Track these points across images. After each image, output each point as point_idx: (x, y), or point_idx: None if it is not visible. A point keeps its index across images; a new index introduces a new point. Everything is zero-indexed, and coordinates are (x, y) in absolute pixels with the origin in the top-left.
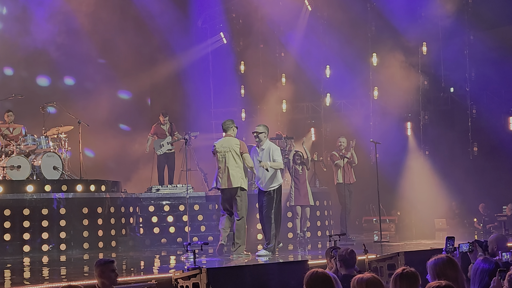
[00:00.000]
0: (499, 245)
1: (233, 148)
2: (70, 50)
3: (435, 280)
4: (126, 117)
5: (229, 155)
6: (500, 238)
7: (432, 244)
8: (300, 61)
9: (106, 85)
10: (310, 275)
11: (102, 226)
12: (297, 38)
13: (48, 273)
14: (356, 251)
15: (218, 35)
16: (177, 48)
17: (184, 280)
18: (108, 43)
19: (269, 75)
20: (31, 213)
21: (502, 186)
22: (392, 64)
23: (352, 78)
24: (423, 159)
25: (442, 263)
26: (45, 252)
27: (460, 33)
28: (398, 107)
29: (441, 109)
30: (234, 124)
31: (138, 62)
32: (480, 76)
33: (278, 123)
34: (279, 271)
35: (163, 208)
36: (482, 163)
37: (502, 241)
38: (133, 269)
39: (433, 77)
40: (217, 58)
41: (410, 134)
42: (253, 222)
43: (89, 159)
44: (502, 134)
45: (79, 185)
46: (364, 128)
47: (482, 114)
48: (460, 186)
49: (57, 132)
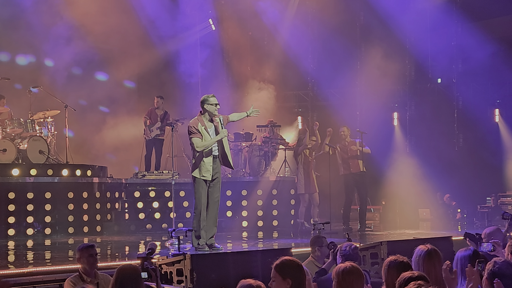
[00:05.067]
0: (495, 238)
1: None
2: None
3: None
4: (110, 102)
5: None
6: (495, 231)
7: (415, 234)
8: (288, 50)
9: (91, 69)
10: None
11: (87, 211)
12: (285, 27)
13: (33, 257)
14: (340, 240)
15: (206, 22)
16: (165, 34)
17: (168, 266)
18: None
19: (257, 63)
20: (16, 197)
21: (486, 177)
22: (379, 54)
23: (339, 68)
24: (409, 149)
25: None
26: (30, 236)
27: (448, 24)
28: (385, 97)
29: (428, 100)
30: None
31: (125, 48)
32: (467, 67)
33: (265, 111)
34: (262, 258)
35: (149, 194)
36: (468, 154)
37: (497, 234)
38: (117, 254)
39: (420, 68)
40: (205, 45)
41: (397, 124)
42: (239, 209)
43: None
44: (488, 125)
45: (65, 170)
46: (350, 117)
47: (468, 105)
48: (445, 176)
49: (43, 116)
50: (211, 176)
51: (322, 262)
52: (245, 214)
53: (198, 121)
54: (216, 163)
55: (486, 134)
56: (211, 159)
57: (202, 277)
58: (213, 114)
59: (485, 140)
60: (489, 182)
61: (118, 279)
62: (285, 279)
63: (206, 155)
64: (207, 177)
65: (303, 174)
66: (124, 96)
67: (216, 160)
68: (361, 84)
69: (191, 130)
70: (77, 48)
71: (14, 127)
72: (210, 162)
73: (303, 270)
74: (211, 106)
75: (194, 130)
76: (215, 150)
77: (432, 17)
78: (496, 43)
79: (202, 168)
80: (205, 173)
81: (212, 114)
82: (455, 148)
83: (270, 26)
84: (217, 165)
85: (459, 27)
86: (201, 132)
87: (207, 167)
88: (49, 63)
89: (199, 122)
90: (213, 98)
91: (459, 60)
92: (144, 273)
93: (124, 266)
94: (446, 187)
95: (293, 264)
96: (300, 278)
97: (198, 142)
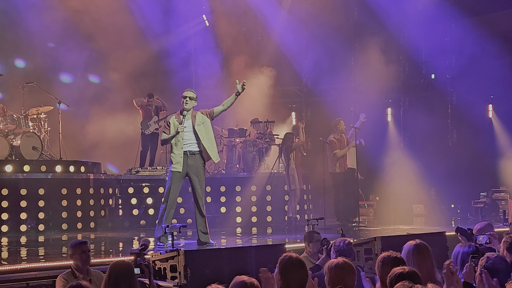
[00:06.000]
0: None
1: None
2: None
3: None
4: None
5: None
6: (487, 227)
7: (409, 230)
8: (282, 45)
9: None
10: (284, 259)
11: (81, 207)
12: (279, 22)
13: (26, 253)
14: (333, 236)
15: (200, 18)
16: (159, 30)
17: (162, 262)
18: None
19: (251, 59)
20: (9, 193)
21: (480, 173)
22: (373, 50)
23: (334, 64)
24: (403, 145)
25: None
26: (23, 233)
27: (442, 20)
28: (378, 93)
29: (422, 96)
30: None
31: (118, 43)
32: (461, 63)
33: (259, 107)
34: (256, 254)
35: (143, 190)
36: (461, 150)
37: (489, 230)
38: (111, 251)
39: (414, 63)
40: (199, 41)
41: (390, 120)
42: (232, 205)
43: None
44: (482, 121)
45: (58, 166)
46: (345, 113)
47: (462, 101)
48: (439, 172)
49: (36, 112)
50: (181, 168)
51: (316, 257)
52: (239, 210)
53: (174, 115)
54: (191, 159)
55: (479, 129)
56: (181, 151)
57: (196, 273)
58: (184, 107)
59: (479, 136)
60: (483, 178)
61: (112, 276)
62: (279, 274)
63: (176, 148)
64: (178, 168)
65: (295, 170)
66: (115, 92)
67: (191, 157)
68: (355, 80)
69: (164, 124)
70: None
71: (7, 123)
72: (180, 154)
73: (300, 269)
74: (182, 99)
75: (165, 124)
76: (189, 146)
77: (426, 13)
78: (490, 39)
79: (173, 160)
80: (175, 165)
81: (183, 107)
82: (449, 143)
83: (264, 22)
84: (194, 161)
85: (453, 23)
86: (172, 125)
87: (177, 159)
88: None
89: (173, 116)
90: (185, 92)
91: (452, 56)
92: (137, 269)
93: (117, 262)
94: (440, 183)
95: (292, 261)
96: (293, 277)
97: (162, 135)
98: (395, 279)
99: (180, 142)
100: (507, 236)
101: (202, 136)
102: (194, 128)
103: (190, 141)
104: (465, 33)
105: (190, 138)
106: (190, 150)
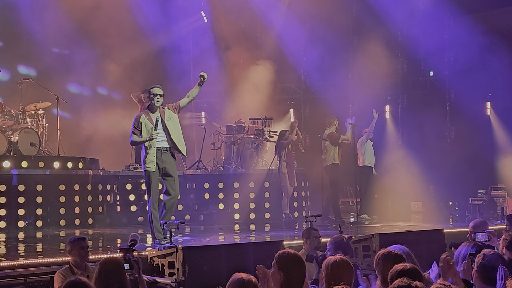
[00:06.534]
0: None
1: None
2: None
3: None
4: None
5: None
6: (481, 224)
7: (407, 227)
8: (281, 42)
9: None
10: (283, 256)
11: (79, 203)
12: (278, 19)
13: (24, 249)
14: (332, 233)
15: (198, 14)
16: (157, 26)
17: (160, 258)
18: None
19: (250, 55)
20: (7, 189)
21: (478, 170)
22: (372, 47)
23: (332, 60)
24: (401, 142)
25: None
26: (21, 229)
27: (440, 17)
28: (377, 90)
29: (420, 93)
30: (148, 95)
31: (116, 39)
32: (459, 60)
33: (257, 104)
34: (254, 251)
35: (141, 186)
36: (459, 147)
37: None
38: (109, 247)
39: (412, 60)
40: (197, 37)
41: (389, 117)
42: (231, 202)
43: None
44: (480, 118)
45: (56, 162)
46: (343, 110)
47: (460, 98)
48: (437, 169)
49: (34, 108)
50: (155, 167)
51: (314, 254)
52: (237, 207)
53: (143, 114)
54: (165, 156)
55: (478, 127)
56: (154, 150)
57: (194, 270)
58: (154, 105)
59: (477, 133)
60: (481, 175)
61: (102, 272)
62: (279, 271)
63: (148, 146)
64: (152, 168)
65: (286, 167)
66: (114, 88)
67: (165, 153)
68: (353, 77)
69: (133, 124)
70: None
71: (5, 119)
72: (153, 153)
73: (300, 265)
74: (152, 97)
75: (135, 124)
76: (161, 142)
77: (424, 10)
78: (488, 36)
79: (146, 159)
80: (149, 164)
81: (153, 105)
82: (447, 141)
83: (263, 19)
84: (166, 158)
85: (451, 20)
86: (144, 125)
87: (150, 158)
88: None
89: (143, 114)
90: (154, 89)
91: (451, 53)
92: (127, 264)
93: (107, 259)
94: (438, 180)
95: (291, 257)
96: (295, 272)
97: (132, 137)
98: (396, 276)
99: (153, 141)
100: (506, 234)
101: (171, 131)
102: (165, 123)
103: (162, 137)
104: (464, 30)
105: (161, 134)
106: (163, 146)
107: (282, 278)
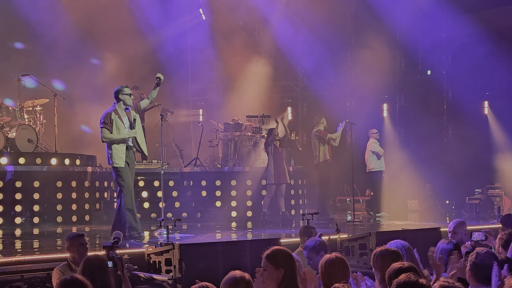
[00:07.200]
0: (458, 231)
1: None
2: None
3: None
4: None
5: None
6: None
7: (404, 225)
8: (278, 40)
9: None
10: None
11: (76, 200)
12: (276, 17)
13: (21, 246)
14: (329, 231)
15: (197, 11)
16: (156, 23)
17: (157, 255)
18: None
19: (247, 53)
20: (4, 186)
21: (475, 169)
22: (370, 45)
23: (330, 58)
24: (398, 140)
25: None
26: (18, 225)
27: (438, 16)
28: (374, 88)
29: (418, 92)
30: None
31: (114, 36)
32: (457, 59)
33: (254, 102)
34: (251, 248)
35: (138, 183)
36: (457, 146)
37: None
38: None
39: (410, 59)
40: (195, 35)
41: (386, 115)
42: (228, 199)
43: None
44: (477, 117)
45: (54, 159)
46: (340, 108)
47: (458, 97)
48: (434, 168)
49: (32, 105)
50: (123, 163)
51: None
52: (234, 204)
53: (112, 112)
54: (130, 154)
55: (475, 126)
56: (123, 147)
57: (191, 267)
58: (127, 104)
59: (474, 132)
60: (478, 174)
61: (86, 270)
62: (278, 269)
63: (118, 143)
64: (120, 164)
65: (272, 165)
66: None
67: (130, 151)
68: (351, 75)
69: (104, 120)
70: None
71: (3, 115)
72: (122, 150)
73: (294, 259)
74: (126, 96)
75: (106, 120)
76: (128, 140)
77: (422, 9)
78: (486, 35)
79: (115, 155)
80: (118, 160)
81: (126, 103)
82: (444, 139)
83: (260, 16)
84: (131, 156)
85: (450, 19)
86: (114, 122)
87: (119, 154)
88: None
89: (113, 112)
90: (127, 89)
91: (449, 52)
92: (110, 262)
93: (90, 256)
94: (435, 179)
95: (285, 253)
96: (292, 268)
97: (106, 133)
98: (394, 275)
99: (122, 139)
100: (502, 233)
101: (136, 131)
102: (131, 123)
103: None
104: (462, 29)
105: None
106: (129, 144)
107: (283, 276)
